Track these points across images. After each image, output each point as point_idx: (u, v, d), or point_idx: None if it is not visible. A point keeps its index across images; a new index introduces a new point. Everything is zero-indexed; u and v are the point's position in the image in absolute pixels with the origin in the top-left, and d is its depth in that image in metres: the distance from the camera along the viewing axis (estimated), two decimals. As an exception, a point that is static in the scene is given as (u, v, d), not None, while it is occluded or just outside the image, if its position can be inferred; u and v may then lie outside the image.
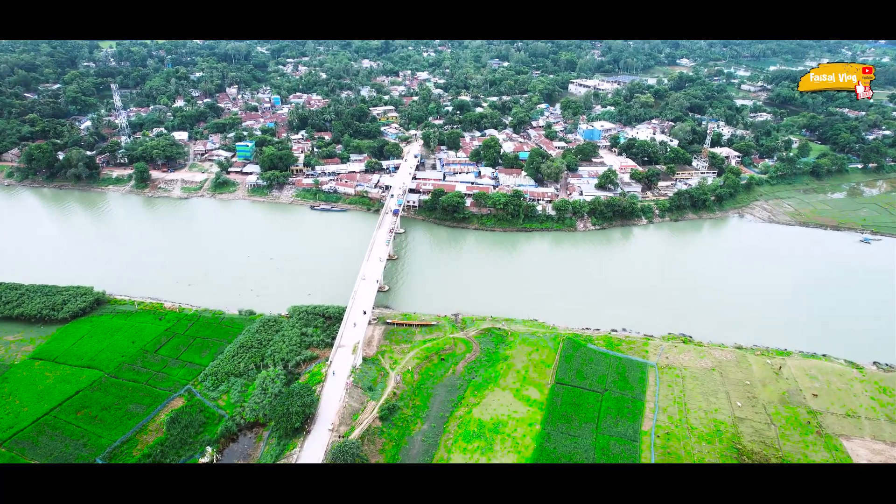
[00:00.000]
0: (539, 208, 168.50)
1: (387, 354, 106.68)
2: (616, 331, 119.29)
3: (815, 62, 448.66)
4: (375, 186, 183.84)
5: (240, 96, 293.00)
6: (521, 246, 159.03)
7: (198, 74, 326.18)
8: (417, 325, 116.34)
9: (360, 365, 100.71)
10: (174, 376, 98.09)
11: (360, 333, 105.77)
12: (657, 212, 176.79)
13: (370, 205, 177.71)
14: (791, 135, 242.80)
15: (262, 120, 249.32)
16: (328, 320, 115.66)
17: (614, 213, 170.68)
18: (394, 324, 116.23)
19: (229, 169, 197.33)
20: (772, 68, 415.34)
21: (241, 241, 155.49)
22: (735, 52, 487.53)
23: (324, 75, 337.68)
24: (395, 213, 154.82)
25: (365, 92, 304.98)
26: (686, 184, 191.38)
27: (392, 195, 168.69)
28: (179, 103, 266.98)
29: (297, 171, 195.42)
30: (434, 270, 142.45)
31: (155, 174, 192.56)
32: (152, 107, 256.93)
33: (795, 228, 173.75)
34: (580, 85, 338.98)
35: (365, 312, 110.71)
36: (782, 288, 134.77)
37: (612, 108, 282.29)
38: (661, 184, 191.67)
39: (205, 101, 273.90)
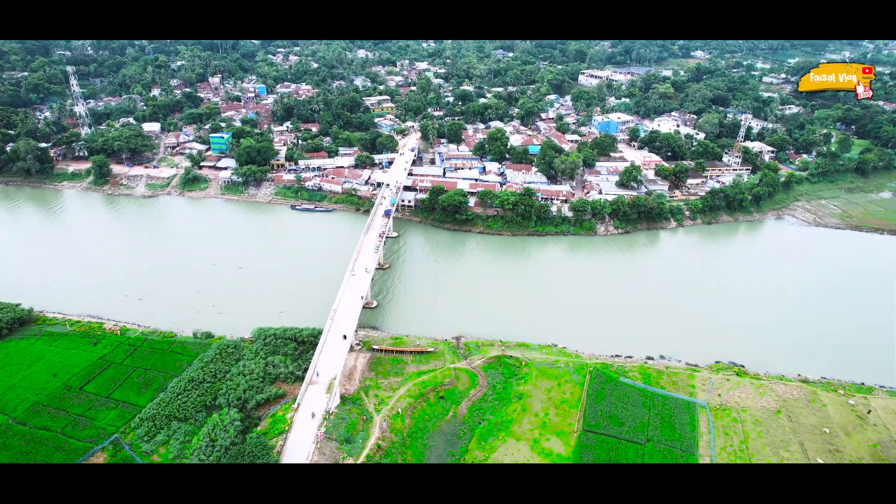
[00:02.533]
0: (553, 209, 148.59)
1: (371, 391, 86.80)
2: (652, 359, 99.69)
3: (837, 55, 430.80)
4: (366, 183, 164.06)
5: (222, 86, 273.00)
6: (533, 252, 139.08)
7: (179, 63, 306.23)
8: (410, 351, 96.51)
9: (337, 407, 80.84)
10: (101, 421, 78.28)
11: (337, 364, 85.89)
12: (688, 213, 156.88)
13: (359, 204, 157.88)
14: (825, 128, 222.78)
15: (243, 110, 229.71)
16: (301, 346, 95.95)
17: (639, 215, 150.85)
18: (381, 350, 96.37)
19: (201, 164, 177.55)
20: (792, 61, 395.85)
21: (207, 246, 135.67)
22: (752, 43, 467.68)
23: (315, 65, 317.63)
24: (387, 214, 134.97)
25: (359, 82, 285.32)
26: (718, 181, 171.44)
27: (384, 194, 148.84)
28: (156, 93, 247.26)
29: (277, 165, 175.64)
30: (432, 282, 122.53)
31: (117, 169, 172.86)
32: (124, 96, 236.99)
33: (846, 233, 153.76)
34: (591, 76, 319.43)
35: (345, 337, 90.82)
36: (849, 305, 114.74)
37: (628, 99, 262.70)
38: (689, 181, 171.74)
39: (183, 90, 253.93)
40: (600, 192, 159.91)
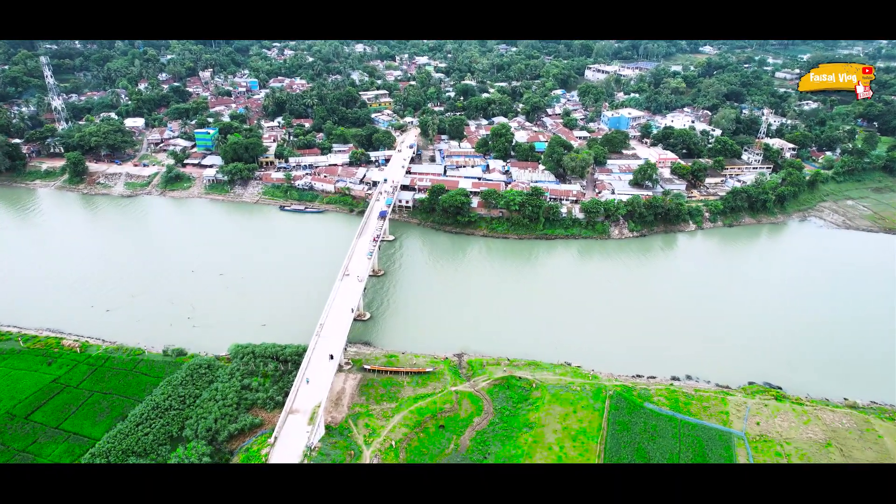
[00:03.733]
0: (563, 210, 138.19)
1: (361, 420, 76.50)
2: (678, 379, 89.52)
3: (848, 50, 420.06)
4: (360, 182, 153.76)
5: (213, 80, 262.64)
6: (541, 258, 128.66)
7: (169, 57, 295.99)
8: (406, 372, 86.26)
9: (321, 440, 70.56)
10: (45, 457, 68.18)
11: (322, 389, 75.56)
12: (707, 215, 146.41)
13: (353, 205, 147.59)
14: (845, 124, 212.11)
15: (234, 106, 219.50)
16: (283, 365, 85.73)
17: (655, 217, 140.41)
18: (374, 371, 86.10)
19: (185, 161, 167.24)
20: (805, 56, 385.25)
21: (187, 250, 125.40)
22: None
23: (311, 59, 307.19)
24: (383, 215, 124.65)
25: (356, 76, 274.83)
26: (739, 181, 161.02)
27: (380, 193, 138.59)
28: (143, 87, 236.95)
29: (266, 163, 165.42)
30: (431, 291, 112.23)
31: (95, 167, 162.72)
32: (108, 90, 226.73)
33: (880, 236, 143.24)
34: (598, 70, 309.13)
35: (332, 357, 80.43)
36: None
37: (637, 94, 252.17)
38: (707, 181, 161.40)
39: (171, 84, 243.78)
40: (613, 192, 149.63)
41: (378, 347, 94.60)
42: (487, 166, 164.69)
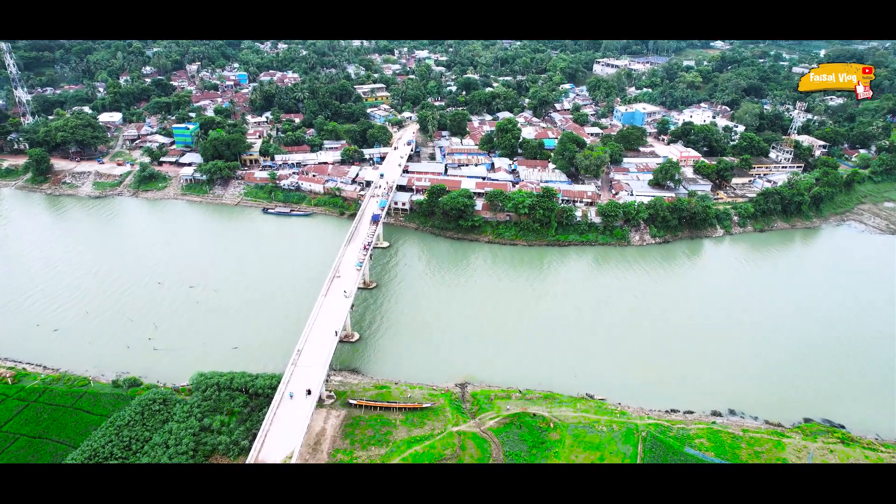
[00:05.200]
0: (578, 213, 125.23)
1: (343, 472, 63.24)
2: (720, 415, 76.88)
3: (865, 45, 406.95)
4: (352, 182, 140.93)
5: (198, 74, 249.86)
6: (555, 267, 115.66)
7: (155, 49, 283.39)
8: (400, 407, 73.37)
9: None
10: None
11: (297, 432, 62.60)
12: (736, 219, 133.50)
13: (344, 207, 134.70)
14: (876, 120, 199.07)
15: (219, 100, 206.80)
16: (253, 400, 72.93)
17: (680, 221, 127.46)
18: (361, 406, 73.27)
19: (162, 159, 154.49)
20: (822, 51, 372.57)
21: (156, 259, 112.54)
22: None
23: (305, 52, 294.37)
24: (376, 219, 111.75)
25: (352, 70, 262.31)
26: (768, 181, 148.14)
27: (374, 194, 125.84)
28: (124, 80, 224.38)
29: (251, 161, 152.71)
30: (429, 306, 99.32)
31: (62, 165, 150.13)
32: (85, 83, 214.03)
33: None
34: (607, 65, 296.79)
35: (309, 392, 67.46)
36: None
37: (650, 89, 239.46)
38: (734, 181, 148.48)
39: (154, 77, 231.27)
40: (631, 194, 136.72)
41: (367, 376, 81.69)
42: (492, 165, 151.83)
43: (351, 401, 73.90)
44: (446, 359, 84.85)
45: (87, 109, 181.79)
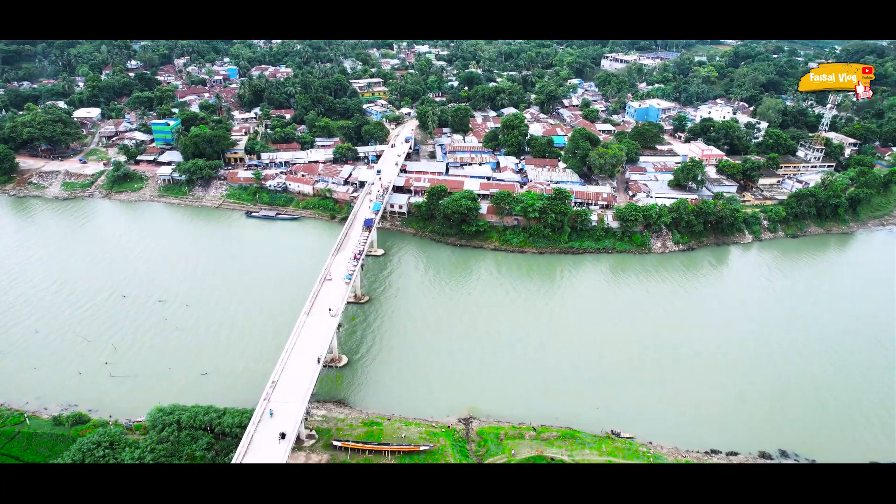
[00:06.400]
0: (593, 218, 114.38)
1: (323, 537, 52.36)
2: (770, 457, 66.05)
3: (884, 42, 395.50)
4: (345, 183, 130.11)
5: (185, 69, 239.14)
6: (569, 278, 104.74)
7: (142, 42, 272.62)
8: (393, 451, 62.43)
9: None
10: None
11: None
12: (766, 223, 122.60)
13: (335, 210, 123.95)
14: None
15: (206, 95, 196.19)
16: (219, 441, 62.03)
17: (705, 226, 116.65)
18: (347, 449, 62.34)
19: (139, 157, 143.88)
20: (839, 48, 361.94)
21: (122, 269, 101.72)
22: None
23: (299, 46, 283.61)
24: (369, 224, 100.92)
25: (348, 64, 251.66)
26: (798, 181, 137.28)
27: (368, 196, 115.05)
28: (106, 75, 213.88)
29: (236, 160, 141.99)
30: (427, 324, 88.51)
31: (29, 163, 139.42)
32: (63, 77, 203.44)
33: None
34: (616, 60, 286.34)
35: (283, 436, 56.51)
36: None
37: (662, 84, 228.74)
38: (761, 181, 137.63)
39: (138, 72, 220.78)
40: (649, 195, 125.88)
41: (355, 408, 70.95)
42: (497, 164, 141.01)
43: (335, 442, 63.13)
44: (448, 387, 74.19)
45: (62, 104, 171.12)
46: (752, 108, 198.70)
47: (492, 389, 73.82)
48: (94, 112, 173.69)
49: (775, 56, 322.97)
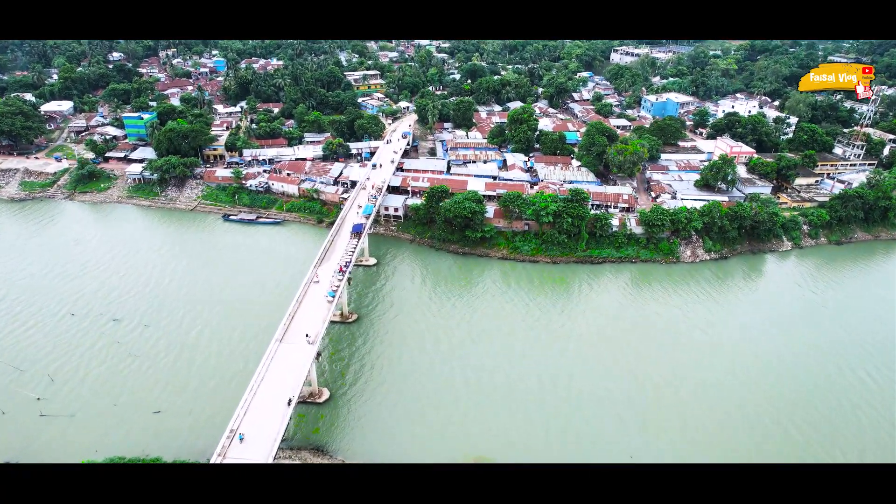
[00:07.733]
0: (614, 222, 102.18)
1: None
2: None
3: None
4: (335, 182, 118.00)
5: (173, 60, 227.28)
6: (588, 292, 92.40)
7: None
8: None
9: None
10: None
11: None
12: (806, 228, 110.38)
13: (323, 213, 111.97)
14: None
15: (189, 88, 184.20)
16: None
17: (739, 232, 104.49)
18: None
19: (108, 154, 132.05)
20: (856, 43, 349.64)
21: (75, 282, 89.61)
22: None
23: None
24: (358, 230, 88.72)
25: (343, 57, 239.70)
26: (840, 181, 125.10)
27: (358, 198, 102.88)
28: (83, 67, 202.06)
29: (216, 157, 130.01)
30: (425, 348, 76.31)
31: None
32: (34, 67, 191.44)
33: None
34: (626, 53, 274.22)
35: None
36: None
37: (679, 77, 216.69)
38: (797, 181, 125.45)
39: (117, 63, 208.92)
40: (674, 197, 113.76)
41: (336, 457, 58.76)
42: (504, 162, 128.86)
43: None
44: (449, 429, 62.20)
45: (29, 97, 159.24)
46: (776, 103, 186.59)
47: (502, 431, 61.73)
48: (66, 105, 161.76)
49: (793, 49, 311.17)
